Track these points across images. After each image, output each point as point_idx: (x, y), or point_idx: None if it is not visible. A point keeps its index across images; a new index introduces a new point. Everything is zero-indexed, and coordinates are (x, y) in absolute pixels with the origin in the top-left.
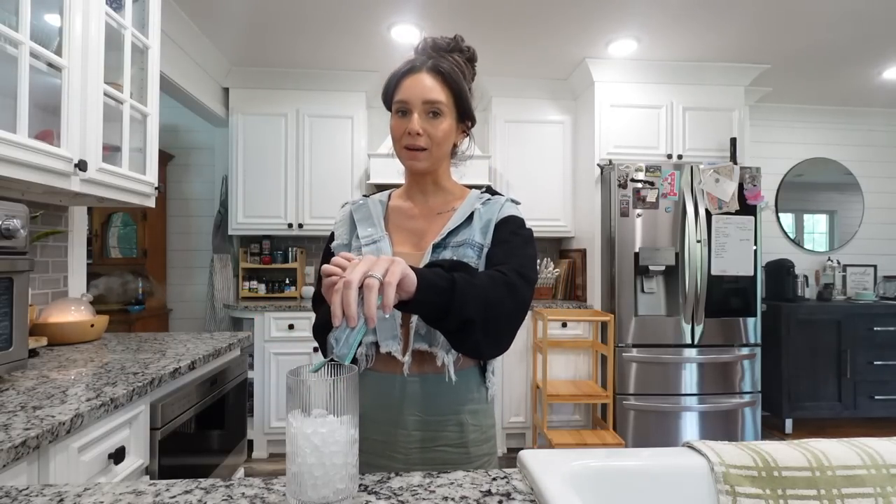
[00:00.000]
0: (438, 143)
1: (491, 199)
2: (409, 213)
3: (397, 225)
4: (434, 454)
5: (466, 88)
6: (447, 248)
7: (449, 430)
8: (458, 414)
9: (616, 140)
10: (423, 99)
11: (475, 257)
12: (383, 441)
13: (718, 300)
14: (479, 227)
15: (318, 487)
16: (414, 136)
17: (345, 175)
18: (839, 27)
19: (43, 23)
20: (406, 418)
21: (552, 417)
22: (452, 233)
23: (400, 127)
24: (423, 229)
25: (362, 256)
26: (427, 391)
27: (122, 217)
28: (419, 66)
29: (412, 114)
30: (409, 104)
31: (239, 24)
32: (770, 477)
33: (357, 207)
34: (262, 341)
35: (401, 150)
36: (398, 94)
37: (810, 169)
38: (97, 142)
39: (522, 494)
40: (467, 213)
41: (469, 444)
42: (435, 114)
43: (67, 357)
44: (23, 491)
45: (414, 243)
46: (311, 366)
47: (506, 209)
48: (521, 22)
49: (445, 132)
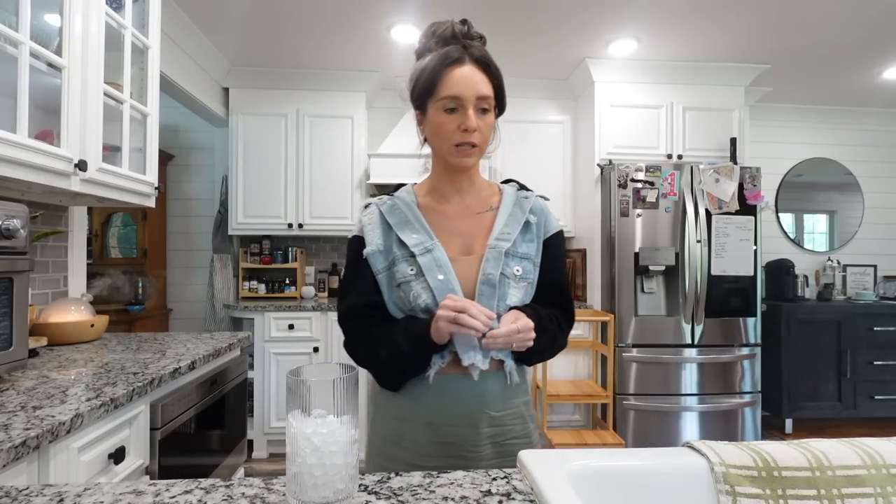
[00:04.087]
0: (487, 138)
1: (531, 197)
2: (446, 214)
3: (439, 227)
4: (503, 448)
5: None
6: (513, 258)
7: (514, 422)
8: (518, 407)
9: (616, 140)
10: (477, 94)
11: (533, 272)
12: (452, 443)
13: (718, 300)
14: (537, 244)
15: (318, 487)
16: (471, 132)
17: (345, 175)
18: (839, 27)
19: (43, 23)
20: (476, 417)
21: (552, 417)
22: (515, 243)
23: (451, 123)
24: (468, 231)
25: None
26: (493, 389)
27: (122, 217)
28: (462, 58)
29: (466, 110)
30: (464, 99)
31: (239, 24)
32: (770, 477)
33: (388, 209)
34: (262, 341)
35: (450, 147)
36: (446, 88)
37: (810, 169)
38: (97, 142)
39: (522, 494)
40: (518, 214)
41: (531, 434)
42: (484, 110)
43: (67, 357)
44: (23, 491)
45: (461, 247)
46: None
47: (550, 222)
48: (521, 22)
49: (492, 127)
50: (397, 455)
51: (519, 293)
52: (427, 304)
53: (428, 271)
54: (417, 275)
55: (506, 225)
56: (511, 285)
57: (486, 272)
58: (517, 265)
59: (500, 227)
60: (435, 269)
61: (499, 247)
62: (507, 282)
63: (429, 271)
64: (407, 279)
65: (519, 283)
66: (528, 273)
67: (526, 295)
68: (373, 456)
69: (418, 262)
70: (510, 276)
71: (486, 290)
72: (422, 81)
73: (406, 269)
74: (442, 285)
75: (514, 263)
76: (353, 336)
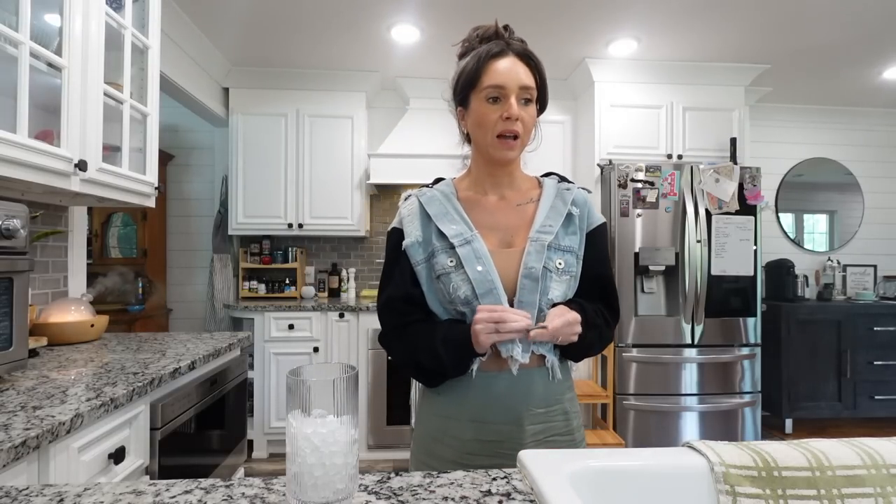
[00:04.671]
0: (529, 130)
1: (573, 189)
2: (486, 206)
3: (478, 220)
4: (546, 445)
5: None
6: (555, 251)
7: (557, 419)
8: (562, 403)
9: (616, 140)
10: (520, 84)
11: (575, 265)
12: (496, 441)
13: (718, 300)
14: (580, 237)
15: (318, 487)
16: (514, 121)
17: (345, 175)
18: (839, 27)
19: (43, 23)
20: (520, 413)
21: None
22: (557, 236)
23: (493, 113)
24: (508, 224)
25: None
26: (535, 385)
27: (122, 217)
28: (504, 50)
29: (508, 98)
30: (507, 89)
31: (239, 24)
32: (770, 477)
33: (428, 200)
34: (262, 341)
35: (492, 138)
36: (489, 77)
37: (810, 169)
38: (97, 142)
39: (522, 494)
40: (560, 206)
41: (574, 431)
42: (527, 100)
43: (67, 357)
44: (23, 491)
45: (502, 239)
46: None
47: (594, 214)
48: (521, 22)
49: (534, 120)
50: (440, 453)
51: (562, 287)
52: (467, 296)
53: (467, 262)
54: (457, 266)
55: (547, 217)
56: (553, 279)
57: (529, 265)
58: (560, 258)
59: (542, 220)
60: (474, 260)
61: (541, 240)
62: (549, 275)
63: (468, 263)
64: (447, 271)
65: (561, 276)
66: (570, 266)
67: (569, 289)
68: (417, 454)
69: (458, 254)
70: (552, 270)
71: (528, 283)
72: (465, 75)
73: (445, 261)
74: (481, 276)
75: (556, 256)
76: (389, 334)
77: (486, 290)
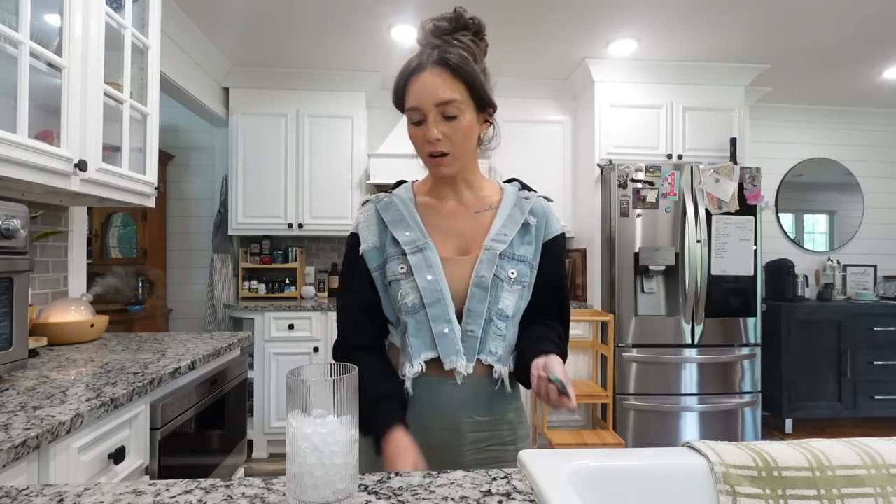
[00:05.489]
0: (460, 144)
1: (532, 198)
2: (443, 212)
3: (434, 225)
4: (487, 454)
5: (479, 74)
6: (508, 260)
7: (503, 429)
8: (508, 412)
9: (616, 140)
10: (436, 101)
11: (529, 275)
12: (436, 447)
13: (718, 300)
14: (535, 247)
15: (318, 488)
16: (434, 142)
17: (345, 175)
18: (839, 27)
19: (43, 23)
20: (461, 421)
21: (552, 417)
22: (511, 245)
23: (418, 135)
24: (464, 231)
25: None
26: (480, 393)
27: (122, 217)
28: (424, 63)
29: (427, 119)
30: (423, 110)
31: (239, 24)
32: (770, 477)
33: (385, 206)
34: (262, 341)
35: (424, 157)
36: (408, 99)
37: (810, 169)
38: (97, 142)
39: (522, 494)
40: (517, 215)
41: (518, 441)
42: (450, 116)
43: (67, 357)
44: (23, 491)
45: (457, 246)
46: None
47: (552, 224)
48: (521, 22)
49: (466, 131)
50: None
51: (513, 297)
52: (414, 304)
53: (417, 271)
54: (407, 273)
55: (504, 226)
56: (505, 289)
57: (479, 274)
58: (512, 268)
59: (498, 228)
60: (425, 268)
61: (494, 248)
62: (500, 285)
63: (418, 271)
64: (397, 277)
65: (513, 286)
66: (523, 276)
67: (521, 299)
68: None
69: (409, 261)
70: (504, 280)
71: (477, 292)
72: (393, 92)
73: (396, 268)
74: (430, 286)
75: (509, 266)
76: (336, 352)
77: (433, 300)
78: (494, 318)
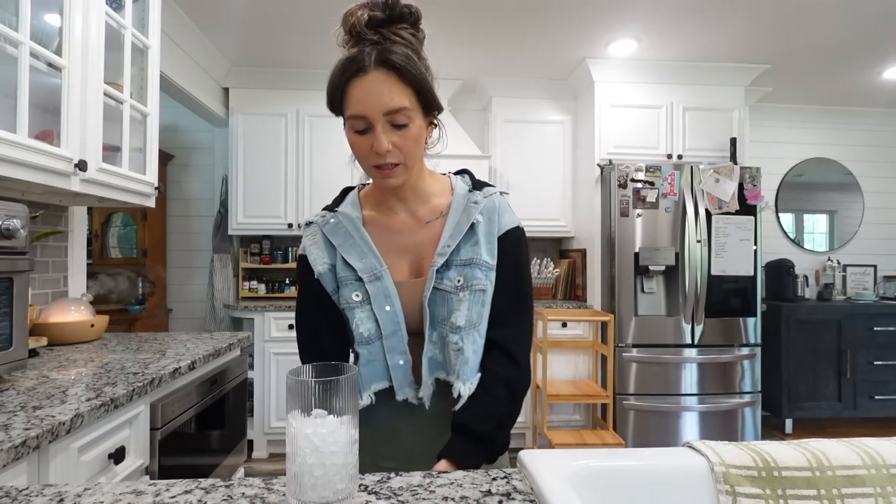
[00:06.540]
0: (410, 153)
1: (481, 200)
2: (393, 228)
3: (385, 244)
4: None
5: (426, 75)
6: (452, 268)
7: None
8: None
9: (616, 140)
10: (384, 110)
11: (483, 277)
12: (394, 468)
13: (718, 300)
14: (485, 245)
15: (318, 487)
16: (384, 154)
17: (345, 175)
18: (839, 27)
19: (43, 23)
20: (415, 449)
21: (552, 417)
22: (456, 250)
23: (363, 145)
24: (416, 244)
25: None
26: (437, 413)
27: (122, 217)
28: (367, 64)
29: (374, 129)
30: (369, 119)
31: (239, 24)
32: (770, 477)
33: (332, 230)
34: (262, 341)
35: (369, 169)
36: (350, 106)
37: (810, 169)
38: (97, 142)
39: (522, 494)
40: (464, 222)
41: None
42: (401, 123)
43: (67, 357)
44: (23, 491)
45: (411, 265)
46: None
47: (505, 219)
48: (521, 22)
49: (416, 138)
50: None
51: (463, 305)
52: (370, 335)
53: (376, 300)
54: (363, 302)
55: (451, 237)
56: (454, 300)
57: (426, 295)
58: (458, 274)
59: (445, 240)
60: (383, 299)
61: (438, 263)
62: (448, 297)
63: (376, 301)
64: (351, 305)
65: (462, 292)
66: (474, 279)
67: (476, 304)
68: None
69: (367, 289)
70: (451, 291)
71: (429, 313)
72: (329, 94)
73: (350, 295)
74: (388, 317)
75: (455, 274)
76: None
77: (391, 332)
78: (448, 334)
